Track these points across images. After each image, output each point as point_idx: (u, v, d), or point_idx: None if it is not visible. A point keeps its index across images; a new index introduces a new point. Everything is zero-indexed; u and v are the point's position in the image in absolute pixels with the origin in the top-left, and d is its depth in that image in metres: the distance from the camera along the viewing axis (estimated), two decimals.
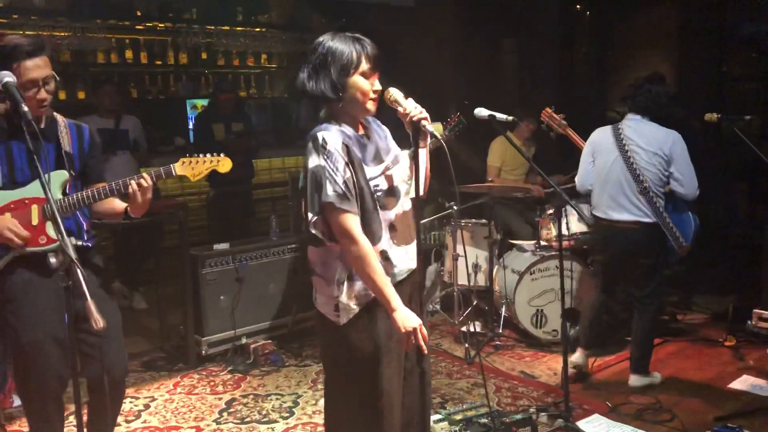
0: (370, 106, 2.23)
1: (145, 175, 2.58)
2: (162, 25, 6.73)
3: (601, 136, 3.87)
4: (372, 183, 2.18)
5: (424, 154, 2.34)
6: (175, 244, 4.71)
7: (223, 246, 4.50)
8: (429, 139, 2.28)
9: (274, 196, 6.55)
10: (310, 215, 2.15)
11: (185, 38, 6.80)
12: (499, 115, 3.14)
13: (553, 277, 4.52)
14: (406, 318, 2.14)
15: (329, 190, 2.09)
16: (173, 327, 4.59)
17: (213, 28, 6.95)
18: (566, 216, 4.23)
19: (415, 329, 2.13)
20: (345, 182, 2.10)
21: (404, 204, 2.29)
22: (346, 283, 2.19)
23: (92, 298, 1.83)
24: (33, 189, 2.51)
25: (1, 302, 2.54)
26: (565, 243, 4.02)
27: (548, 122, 4.33)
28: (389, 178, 2.24)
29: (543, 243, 4.66)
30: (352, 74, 2.17)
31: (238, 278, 4.46)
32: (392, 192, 2.24)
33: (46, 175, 2.07)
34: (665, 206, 3.69)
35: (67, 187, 2.59)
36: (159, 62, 6.79)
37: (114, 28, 6.40)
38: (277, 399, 3.83)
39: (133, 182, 2.54)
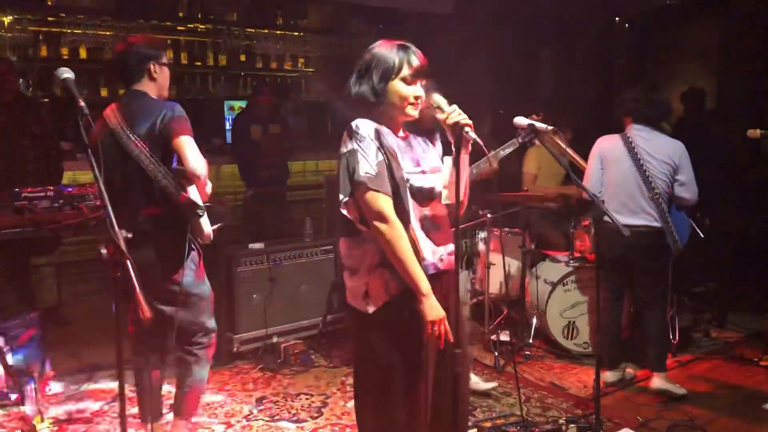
0: (410, 110, 2.28)
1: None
2: (203, 26, 6.85)
3: (610, 144, 4.02)
4: (406, 176, 2.23)
5: (466, 161, 2.36)
6: (210, 241, 4.77)
7: (258, 245, 4.55)
8: (469, 145, 2.30)
9: (308, 199, 6.60)
10: (341, 197, 2.22)
11: (225, 40, 6.92)
12: (539, 124, 3.15)
13: (586, 288, 4.49)
14: (434, 307, 2.17)
15: (361, 170, 2.15)
16: None
17: (253, 30, 7.06)
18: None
19: (440, 321, 2.16)
20: (378, 164, 2.16)
21: (439, 208, 2.32)
22: (378, 269, 2.22)
23: None
24: None
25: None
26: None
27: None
28: (425, 179, 2.29)
29: (577, 254, 4.63)
30: (392, 79, 2.24)
31: (271, 278, 4.50)
32: (428, 191, 2.28)
33: None
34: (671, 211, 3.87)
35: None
36: (199, 63, 6.90)
37: (156, 29, 6.52)
38: (306, 399, 3.86)
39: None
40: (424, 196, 2.28)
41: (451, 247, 2.34)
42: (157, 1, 6.53)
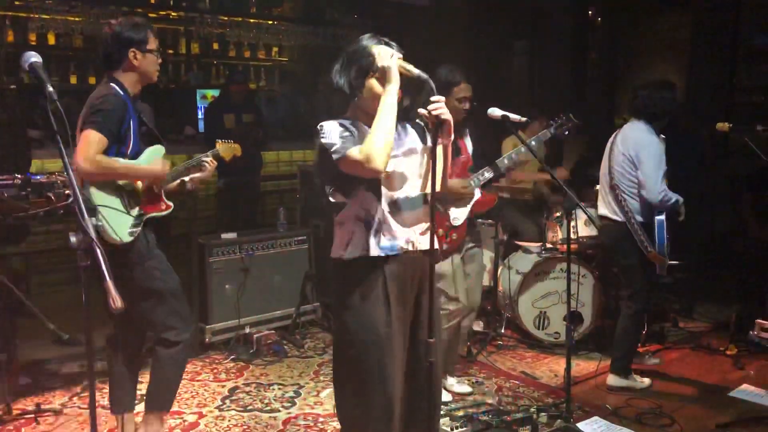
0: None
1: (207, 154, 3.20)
2: (175, 14, 6.75)
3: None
4: None
5: (441, 152, 2.37)
6: (183, 232, 4.73)
7: (231, 235, 4.53)
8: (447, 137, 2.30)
9: (282, 189, 6.57)
10: (327, 189, 2.30)
11: (198, 28, 6.82)
12: (512, 116, 3.18)
13: (557, 279, 4.54)
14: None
15: (333, 149, 2.19)
16: None
17: (226, 18, 6.96)
18: (574, 219, 4.25)
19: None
20: (343, 138, 2.21)
21: (410, 191, 2.33)
22: (363, 225, 2.27)
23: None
24: (146, 160, 2.91)
25: (139, 262, 2.87)
26: (571, 246, 4.03)
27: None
28: (397, 162, 2.30)
29: (549, 245, 4.68)
30: (369, 77, 2.25)
31: (244, 268, 4.48)
32: (399, 174, 2.29)
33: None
34: (643, 211, 3.76)
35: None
36: (171, 51, 6.80)
37: (127, 15, 6.40)
38: (279, 389, 3.85)
39: (209, 161, 3.18)
40: (396, 179, 2.29)
41: (423, 226, 2.35)
42: None
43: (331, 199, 2.33)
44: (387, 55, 2.23)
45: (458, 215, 3.58)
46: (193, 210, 4.41)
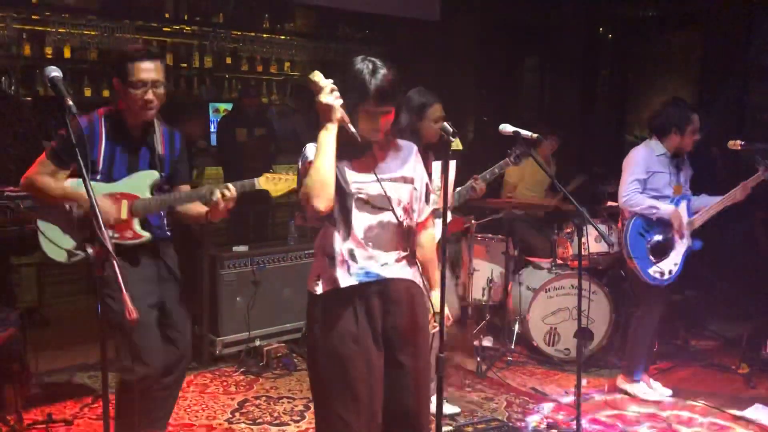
0: (374, 136, 2.28)
1: (230, 185, 2.74)
2: (189, 28, 6.83)
3: None
4: (355, 185, 2.25)
5: (452, 167, 2.39)
6: (193, 244, 4.75)
7: (242, 248, 4.55)
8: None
9: (292, 202, 6.60)
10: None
11: (211, 42, 6.90)
12: (524, 132, 3.18)
13: (568, 296, 4.54)
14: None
15: (299, 179, 2.26)
16: None
17: (239, 33, 7.05)
18: (585, 235, 4.25)
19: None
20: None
21: (391, 217, 2.30)
22: (331, 259, 2.27)
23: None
24: (124, 185, 2.79)
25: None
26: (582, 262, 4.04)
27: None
28: (380, 187, 2.28)
29: (559, 261, 4.68)
30: (357, 107, 2.22)
31: (255, 281, 4.50)
32: (380, 199, 2.27)
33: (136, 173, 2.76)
34: (635, 222, 3.88)
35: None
36: (184, 65, 6.88)
37: (142, 29, 6.50)
38: (288, 402, 3.85)
39: (218, 191, 2.72)
40: (376, 204, 2.28)
41: (400, 254, 2.34)
42: (144, 2, 6.51)
43: (311, 223, 2.37)
44: (328, 92, 2.18)
45: None
46: (205, 222, 4.43)
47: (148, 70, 2.69)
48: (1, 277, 4.79)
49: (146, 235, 2.83)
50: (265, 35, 7.20)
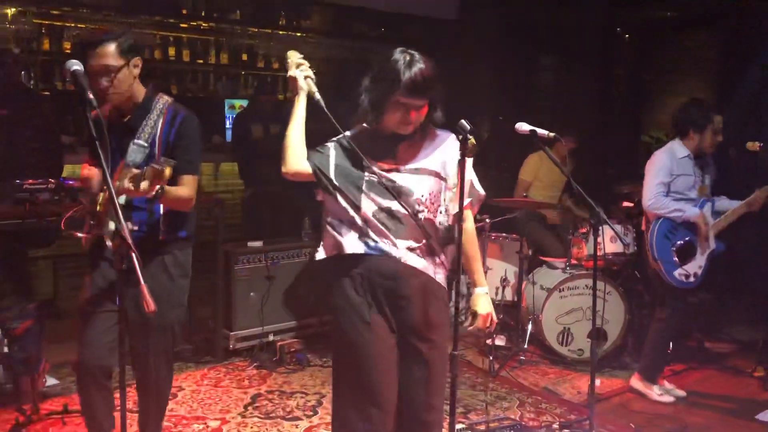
0: (402, 129, 2.29)
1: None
2: (206, 24, 6.86)
3: None
4: (368, 169, 2.27)
5: (468, 164, 2.37)
6: (209, 239, 4.78)
7: (257, 244, 4.57)
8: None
9: (306, 198, 6.62)
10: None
11: (228, 39, 6.93)
12: (541, 131, 3.16)
13: (582, 296, 4.52)
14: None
15: None
16: (202, 320, 4.67)
17: (256, 30, 7.07)
18: (601, 235, 4.23)
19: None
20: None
21: (401, 207, 2.27)
22: (333, 227, 2.33)
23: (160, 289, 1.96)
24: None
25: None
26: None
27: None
28: (393, 176, 2.29)
29: (573, 261, 4.67)
30: (389, 97, 2.22)
31: (269, 276, 4.52)
32: (394, 188, 2.27)
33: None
34: (662, 224, 3.86)
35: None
36: (200, 61, 6.91)
37: (159, 25, 6.54)
38: (301, 397, 3.87)
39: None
40: (389, 191, 2.26)
41: (411, 243, 2.31)
42: None
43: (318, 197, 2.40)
44: (294, 67, 2.36)
45: None
46: (220, 218, 4.45)
47: (96, 57, 2.52)
48: (20, 269, 4.85)
49: (110, 228, 2.51)
50: (281, 32, 7.22)
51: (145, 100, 2.67)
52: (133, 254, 1.93)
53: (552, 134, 3.15)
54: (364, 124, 2.37)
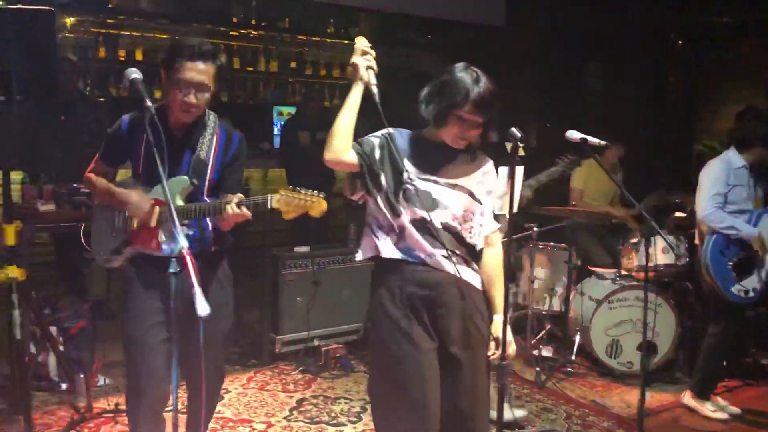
0: (459, 143, 2.31)
1: (243, 209, 2.40)
2: (256, 32, 6.98)
3: None
4: (409, 176, 2.27)
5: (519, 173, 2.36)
6: (257, 244, 4.86)
7: (304, 249, 4.61)
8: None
9: (352, 206, 6.65)
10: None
11: (277, 46, 7.04)
12: (591, 139, 3.12)
13: (631, 307, 4.43)
14: None
15: None
16: (249, 324, 4.73)
17: (304, 38, 7.16)
18: (652, 245, 4.16)
19: None
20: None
21: (435, 219, 2.28)
22: (371, 228, 2.35)
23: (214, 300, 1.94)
24: (159, 191, 2.49)
25: (121, 294, 2.63)
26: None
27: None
28: (432, 187, 2.30)
29: (623, 272, 4.58)
30: (452, 113, 2.24)
31: (315, 281, 4.55)
32: (431, 200, 2.28)
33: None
34: (716, 240, 3.75)
35: (194, 194, 2.55)
36: (250, 68, 7.03)
37: (211, 33, 6.68)
38: (346, 403, 3.88)
39: (229, 208, 2.39)
40: (427, 203, 2.27)
41: (444, 251, 2.29)
42: (213, 6, 6.69)
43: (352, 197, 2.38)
44: (359, 54, 2.30)
45: None
46: (269, 223, 4.52)
47: (197, 71, 2.42)
48: (75, 270, 4.99)
49: (165, 247, 2.50)
50: (329, 40, 7.29)
51: (200, 116, 2.57)
52: (188, 258, 1.95)
53: (603, 142, 3.11)
54: (419, 131, 2.38)
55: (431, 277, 2.28)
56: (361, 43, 2.32)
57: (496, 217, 2.51)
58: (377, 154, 2.30)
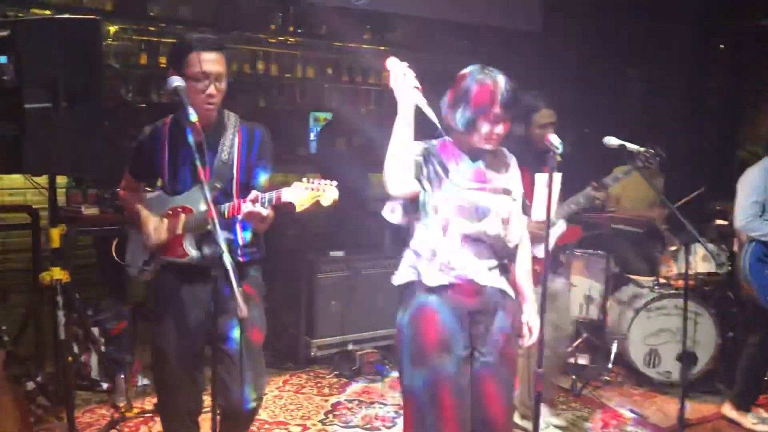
0: (487, 145, 2.32)
1: (258, 206, 2.33)
2: (293, 39, 7.05)
3: None
4: (456, 190, 2.27)
5: (557, 180, 2.36)
6: (292, 248, 4.89)
7: (339, 253, 4.64)
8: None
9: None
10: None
11: (314, 53, 7.09)
12: (630, 145, 3.10)
13: (670, 316, 4.35)
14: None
15: None
16: (285, 326, 4.78)
17: (341, 44, 7.21)
18: (692, 254, 4.09)
19: None
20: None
21: (487, 228, 2.30)
22: (419, 255, 2.33)
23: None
24: (186, 198, 2.49)
25: (153, 305, 2.68)
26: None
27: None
28: (479, 197, 2.30)
29: (662, 280, 4.51)
30: (474, 117, 2.26)
31: (350, 286, 4.58)
32: (474, 209, 2.28)
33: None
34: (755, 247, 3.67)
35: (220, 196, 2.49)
36: (288, 74, 7.10)
37: (250, 40, 6.77)
38: (380, 407, 3.89)
39: (244, 206, 2.33)
40: (477, 213, 2.28)
41: (493, 263, 2.33)
42: (252, 14, 6.77)
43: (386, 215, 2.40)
44: (400, 77, 2.24)
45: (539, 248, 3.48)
46: (304, 227, 4.56)
47: (211, 61, 2.40)
48: (115, 272, 5.09)
49: (192, 253, 2.45)
50: (365, 46, 7.32)
51: (220, 117, 2.56)
52: (228, 261, 1.98)
53: (642, 148, 3.08)
54: (445, 138, 2.37)
55: (476, 291, 2.31)
56: (396, 65, 2.27)
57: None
58: (424, 172, 2.30)
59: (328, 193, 2.32)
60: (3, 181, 4.69)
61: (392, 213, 2.37)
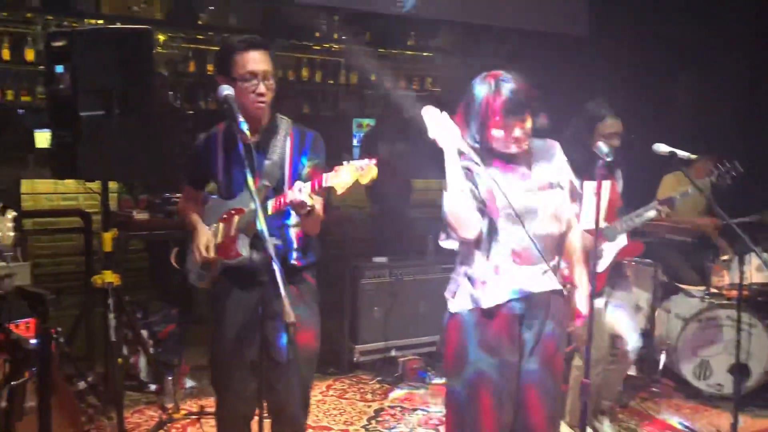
0: (513, 149, 2.29)
1: (303, 194, 2.28)
2: (337, 47, 7.11)
3: None
4: (503, 202, 2.24)
5: (606, 187, 2.33)
6: (337, 253, 4.93)
7: (382, 260, 4.66)
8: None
9: (431, 217, 6.66)
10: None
11: (357, 59, 7.14)
12: (681, 153, 3.03)
13: (722, 327, 4.23)
14: None
15: (444, 195, 2.27)
16: (328, 332, 4.79)
17: (384, 50, 7.24)
18: (746, 263, 3.96)
19: None
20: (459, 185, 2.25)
21: (538, 229, 2.28)
22: (472, 280, 2.31)
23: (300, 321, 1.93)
24: (239, 200, 2.50)
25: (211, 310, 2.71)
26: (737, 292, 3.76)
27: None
28: (528, 199, 2.28)
29: (713, 290, 4.39)
30: (487, 126, 2.25)
31: (393, 292, 4.58)
32: (525, 212, 2.26)
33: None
34: None
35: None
36: (331, 81, 7.17)
37: (295, 48, 6.86)
38: (423, 414, 3.88)
39: (290, 194, 2.31)
40: (523, 217, 2.25)
41: (543, 266, 2.29)
42: (297, 22, 6.86)
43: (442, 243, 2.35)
44: (434, 129, 2.22)
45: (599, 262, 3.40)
46: (348, 233, 4.59)
47: (257, 60, 2.43)
48: (164, 275, 5.20)
49: (244, 253, 2.44)
50: (408, 52, 7.35)
51: (272, 119, 2.57)
52: (275, 266, 2.00)
53: (693, 156, 3.01)
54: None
55: (531, 298, 2.30)
56: (431, 115, 2.26)
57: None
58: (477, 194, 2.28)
59: (367, 171, 2.30)
60: (57, 186, 4.84)
61: (447, 240, 2.35)
